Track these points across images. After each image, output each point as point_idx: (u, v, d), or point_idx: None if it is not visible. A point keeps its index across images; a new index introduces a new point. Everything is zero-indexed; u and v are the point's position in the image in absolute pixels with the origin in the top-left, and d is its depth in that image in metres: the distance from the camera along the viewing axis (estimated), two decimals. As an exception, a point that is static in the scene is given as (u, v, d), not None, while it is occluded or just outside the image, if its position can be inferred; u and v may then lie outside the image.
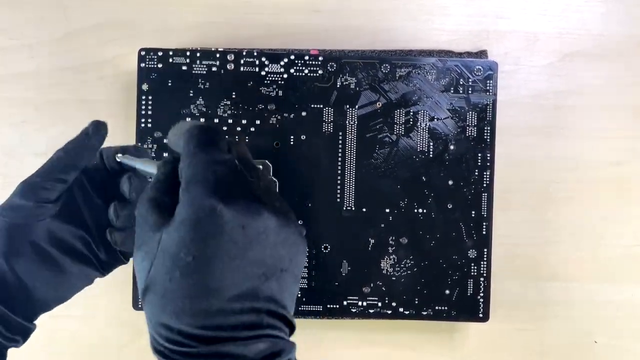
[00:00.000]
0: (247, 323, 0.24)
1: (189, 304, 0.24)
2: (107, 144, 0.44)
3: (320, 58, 0.42)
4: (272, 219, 0.25)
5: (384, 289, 0.42)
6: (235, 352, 0.24)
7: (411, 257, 0.42)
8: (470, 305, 0.42)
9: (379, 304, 0.42)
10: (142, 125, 0.42)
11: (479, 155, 0.42)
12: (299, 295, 0.42)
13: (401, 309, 0.42)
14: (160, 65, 0.41)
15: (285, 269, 0.25)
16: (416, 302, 0.42)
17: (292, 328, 0.26)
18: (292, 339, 0.26)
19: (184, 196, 0.24)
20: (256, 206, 0.25)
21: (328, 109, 0.42)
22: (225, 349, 0.24)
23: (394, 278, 0.42)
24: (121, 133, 0.43)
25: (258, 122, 0.42)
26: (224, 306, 0.24)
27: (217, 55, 0.42)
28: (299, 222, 0.28)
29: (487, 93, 0.42)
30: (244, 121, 0.42)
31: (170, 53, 0.41)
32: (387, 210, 0.42)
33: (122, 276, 0.43)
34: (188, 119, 0.41)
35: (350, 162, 0.42)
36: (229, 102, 0.42)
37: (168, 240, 0.24)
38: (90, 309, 0.44)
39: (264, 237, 0.25)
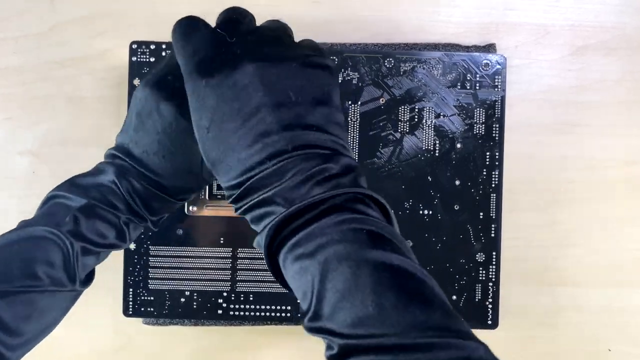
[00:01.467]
0: (270, 155, 0.27)
1: (225, 164, 0.28)
2: (97, 140, 0.44)
3: (321, 52, 0.42)
4: (256, 68, 0.28)
5: None
6: (264, 183, 0.27)
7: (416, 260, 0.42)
8: (478, 311, 0.42)
9: None
10: (134, 122, 0.41)
11: (487, 153, 0.42)
12: (298, 300, 0.41)
13: None
14: (152, 59, 0.41)
15: (296, 98, 0.28)
16: None
17: (338, 144, 0.29)
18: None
19: (186, 89, 0.29)
20: (238, 66, 0.28)
21: (329, 106, 0.42)
22: (256, 184, 0.28)
23: None
24: (111, 131, 0.43)
25: (255, 119, 0.42)
26: (249, 151, 0.28)
27: None
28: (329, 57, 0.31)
29: (496, 89, 0.42)
30: (240, 118, 0.42)
31: (164, 46, 0.41)
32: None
33: (112, 283, 0.43)
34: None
35: (352, 161, 0.42)
36: (224, 98, 0.41)
37: (194, 126, 0.29)
38: (81, 315, 0.44)
39: (255, 84, 0.28)
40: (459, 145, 0.42)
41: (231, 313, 0.42)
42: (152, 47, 0.41)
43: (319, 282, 0.25)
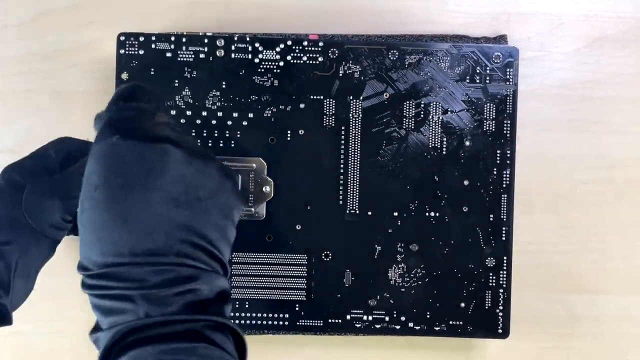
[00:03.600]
0: (150, 250, 0.27)
1: (96, 234, 0.27)
2: (83, 137, 0.44)
3: (321, 44, 0.41)
4: (176, 151, 0.28)
5: (391, 301, 0.42)
6: (131, 278, 0.27)
7: (422, 266, 0.42)
8: (488, 319, 0.42)
9: (386, 319, 0.42)
10: (121, 118, 0.41)
11: (498, 152, 0.42)
12: (296, 308, 0.41)
13: (411, 324, 0.42)
14: (141, 52, 0.41)
15: (205, 198, 0.28)
16: (428, 316, 0.42)
17: (221, 264, 0.29)
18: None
19: (95, 137, 0.29)
20: (158, 141, 0.28)
21: (329, 101, 0.42)
22: (122, 275, 0.27)
23: (403, 289, 0.42)
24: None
25: (251, 115, 0.41)
26: (128, 234, 0.27)
27: (205, 41, 0.41)
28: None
29: (507, 83, 0.42)
30: (235, 114, 0.41)
31: (153, 38, 0.41)
32: (395, 214, 0.42)
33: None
34: (173, 112, 0.41)
35: (354, 159, 0.42)
36: (218, 93, 0.41)
37: (84, 177, 0.28)
38: (63, 322, 0.44)
39: (168, 163, 0.28)
40: (467, 143, 0.42)
41: (225, 321, 0.42)
42: (141, 39, 0.41)
43: None
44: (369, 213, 0.42)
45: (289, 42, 0.41)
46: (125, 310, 0.27)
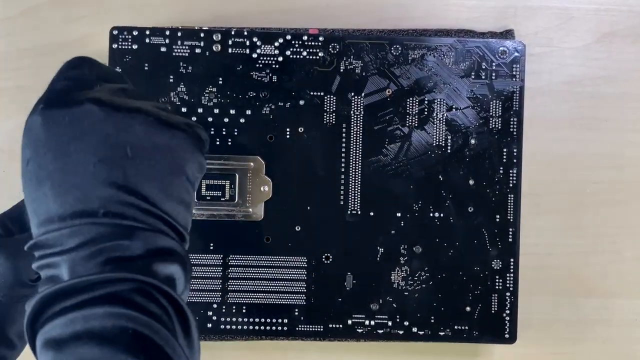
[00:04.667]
0: (76, 212, 0.26)
1: (32, 208, 0.27)
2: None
3: (321, 38, 0.41)
4: (100, 110, 0.27)
5: (394, 305, 0.41)
6: (56, 243, 0.26)
7: (426, 268, 0.42)
8: (494, 324, 0.42)
9: (389, 323, 0.41)
10: (114, 115, 0.41)
11: (504, 150, 0.42)
12: (296, 312, 0.41)
13: (415, 329, 0.41)
14: (135, 47, 0.41)
15: (134, 156, 0.27)
16: (432, 320, 0.41)
17: (164, 222, 0.28)
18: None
19: None
20: (81, 103, 0.27)
21: (330, 97, 0.41)
22: (48, 241, 0.26)
23: (406, 293, 0.41)
24: None
25: (249, 112, 0.41)
26: (57, 202, 0.26)
27: (201, 35, 0.41)
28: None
29: (514, 79, 0.42)
30: (232, 111, 0.41)
31: (147, 32, 0.41)
32: (398, 215, 0.41)
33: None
34: (168, 107, 0.41)
35: (356, 158, 0.42)
36: (214, 89, 0.41)
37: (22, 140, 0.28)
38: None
39: (92, 127, 0.27)
40: (473, 141, 0.42)
41: (222, 327, 0.41)
42: (135, 33, 0.41)
43: None
44: (371, 214, 0.42)
45: (288, 37, 0.41)
46: (53, 278, 0.27)
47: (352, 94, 0.41)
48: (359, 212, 0.42)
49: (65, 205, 0.27)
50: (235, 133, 0.41)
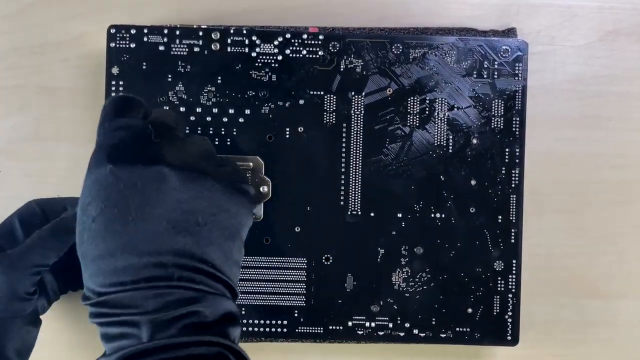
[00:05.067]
0: (151, 277, 0.28)
1: (96, 265, 0.28)
2: (71, 135, 0.44)
3: (321, 37, 0.41)
4: (172, 172, 0.29)
5: (395, 307, 0.41)
6: (133, 304, 0.28)
7: (427, 269, 0.41)
8: (496, 326, 0.42)
9: (390, 325, 0.41)
10: (112, 115, 0.41)
11: (507, 150, 0.42)
12: (295, 314, 0.41)
13: (416, 331, 0.41)
14: (132, 45, 0.41)
15: (205, 222, 0.29)
16: (433, 322, 0.41)
17: (226, 286, 0.30)
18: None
19: (88, 163, 0.29)
20: (151, 163, 0.29)
21: (330, 97, 0.41)
22: (124, 300, 0.28)
23: (407, 294, 0.41)
24: (87, 125, 0.43)
25: (248, 111, 0.41)
26: (128, 263, 0.28)
27: (200, 34, 0.41)
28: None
29: (516, 78, 0.42)
30: (231, 110, 0.41)
31: (145, 31, 0.41)
32: (399, 215, 0.41)
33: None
34: (166, 108, 0.41)
35: (356, 158, 0.42)
36: (213, 89, 0.41)
37: (79, 206, 0.29)
38: (54, 334, 0.44)
39: (164, 192, 0.28)
40: (474, 141, 0.41)
41: (221, 328, 0.42)
42: (133, 31, 0.41)
43: None
44: (372, 214, 0.41)
45: (288, 35, 0.41)
46: (128, 335, 0.28)
47: (353, 93, 0.41)
48: (360, 213, 0.41)
49: (139, 267, 0.28)
50: (234, 133, 0.41)
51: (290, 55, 0.41)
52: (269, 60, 0.41)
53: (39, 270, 0.34)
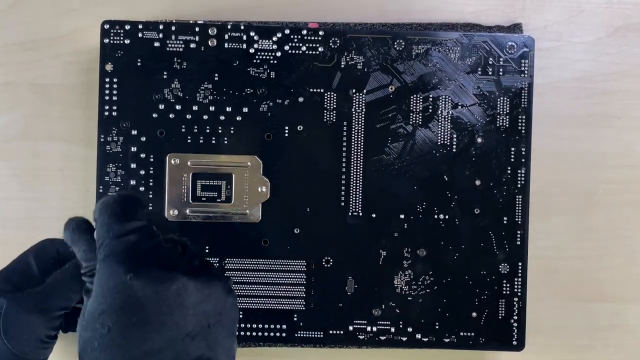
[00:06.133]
0: None
1: None
2: (64, 134, 0.43)
3: (321, 32, 0.41)
4: (189, 280, 0.30)
5: (397, 311, 0.41)
6: None
7: (430, 272, 0.41)
8: (501, 330, 0.42)
9: (392, 330, 0.41)
10: (106, 113, 0.41)
11: (512, 149, 0.42)
12: (295, 318, 0.41)
13: (418, 336, 0.42)
14: (127, 41, 0.41)
15: (213, 324, 0.31)
16: (437, 327, 0.41)
17: None
18: None
19: (99, 268, 0.29)
20: (169, 271, 0.29)
21: (330, 94, 0.41)
22: None
23: (409, 298, 0.41)
24: (79, 123, 0.43)
25: (245, 109, 0.41)
26: None
27: (196, 29, 0.41)
28: (225, 274, 0.35)
29: (522, 75, 0.42)
30: (228, 108, 0.41)
31: (140, 26, 0.41)
32: (402, 217, 0.41)
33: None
34: (161, 106, 0.41)
35: (357, 158, 0.42)
36: (210, 86, 0.41)
37: (88, 313, 0.29)
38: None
39: (183, 299, 0.29)
40: (479, 140, 0.42)
41: (218, 333, 0.41)
42: (127, 27, 0.41)
43: None
44: (373, 215, 0.41)
45: (287, 31, 0.41)
46: None
47: (354, 90, 0.41)
48: (361, 214, 0.41)
49: None
50: (232, 131, 0.41)
51: (290, 51, 0.41)
52: (268, 57, 0.41)
53: (62, 314, 0.34)
